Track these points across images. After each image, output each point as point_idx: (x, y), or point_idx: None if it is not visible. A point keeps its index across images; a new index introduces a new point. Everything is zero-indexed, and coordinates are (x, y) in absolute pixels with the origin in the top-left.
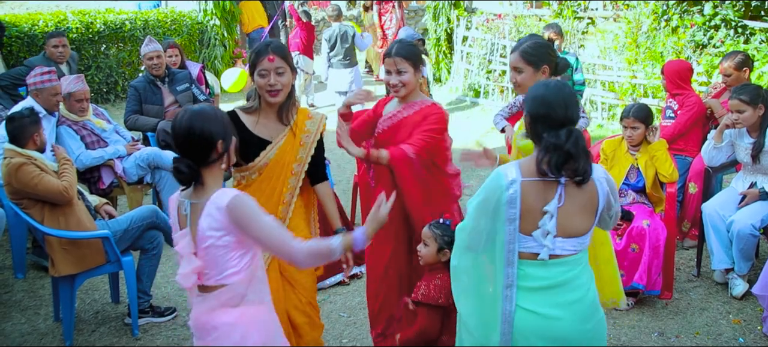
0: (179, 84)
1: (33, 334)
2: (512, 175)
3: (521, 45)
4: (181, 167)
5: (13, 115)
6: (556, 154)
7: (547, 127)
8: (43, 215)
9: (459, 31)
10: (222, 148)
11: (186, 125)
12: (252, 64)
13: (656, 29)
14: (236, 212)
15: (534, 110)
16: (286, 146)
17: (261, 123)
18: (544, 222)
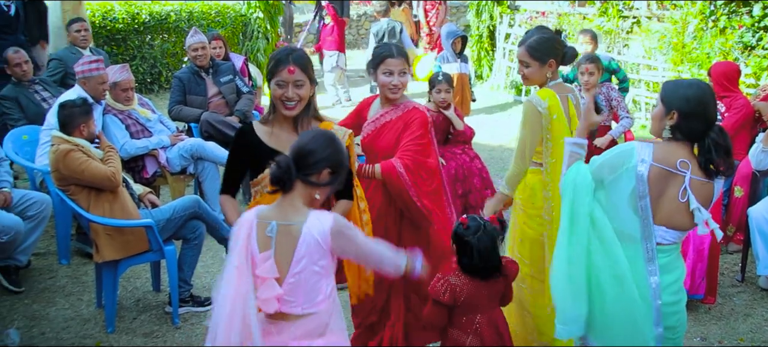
0: (223, 76)
1: (76, 320)
2: (646, 156)
3: (527, 39)
4: (281, 163)
5: (65, 102)
6: (719, 150)
7: (703, 126)
8: (89, 201)
9: (501, 28)
10: (326, 179)
11: (306, 138)
12: (270, 71)
13: (703, 30)
14: (340, 236)
15: (689, 109)
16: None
17: (275, 134)
18: (703, 214)
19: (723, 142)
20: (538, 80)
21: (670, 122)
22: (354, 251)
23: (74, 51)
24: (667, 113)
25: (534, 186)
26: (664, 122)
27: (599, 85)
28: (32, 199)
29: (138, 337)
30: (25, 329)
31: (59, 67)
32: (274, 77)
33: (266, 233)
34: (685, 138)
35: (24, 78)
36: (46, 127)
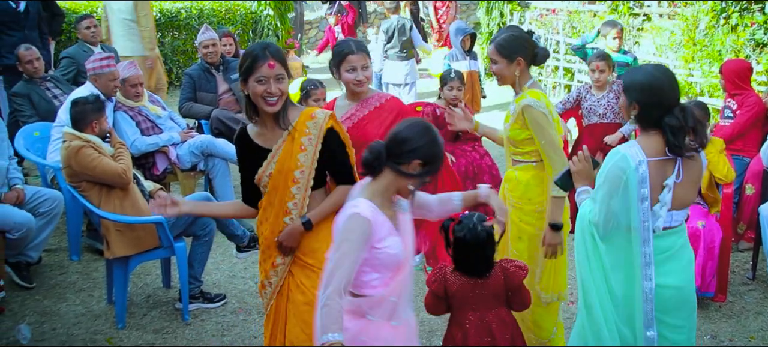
0: (233, 73)
1: (87, 316)
2: (639, 156)
3: (497, 38)
4: (373, 148)
5: (78, 99)
6: (681, 133)
7: (662, 111)
8: (100, 198)
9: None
10: (417, 169)
11: (402, 126)
12: (247, 68)
13: (714, 27)
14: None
15: (646, 99)
16: (284, 153)
17: (261, 132)
18: (663, 196)
19: (682, 122)
20: (508, 78)
21: (634, 112)
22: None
23: (85, 49)
24: (629, 104)
25: (528, 182)
26: (630, 113)
27: (609, 83)
28: (44, 196)
29: (148, 333)
30: (37, 325)
31: (71, 65)
32: (252, 74)
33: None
34: (650, 126)
35: (35, 75)
36: (57, 124)
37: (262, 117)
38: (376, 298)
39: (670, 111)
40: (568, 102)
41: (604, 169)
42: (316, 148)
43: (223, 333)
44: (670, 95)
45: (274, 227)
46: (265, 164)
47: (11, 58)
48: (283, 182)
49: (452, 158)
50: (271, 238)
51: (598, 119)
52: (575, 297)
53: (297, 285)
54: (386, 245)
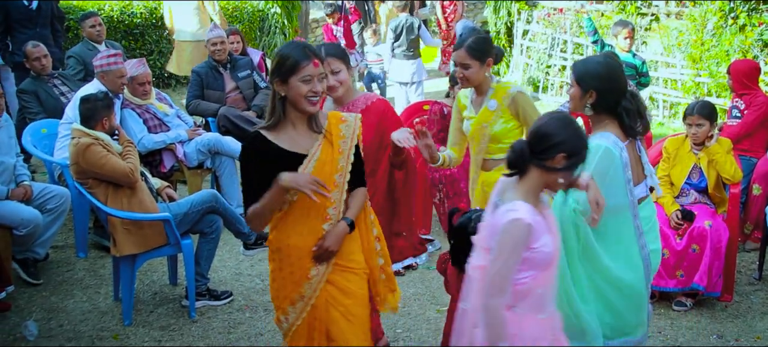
0: (241, 70)
1: (93, 312)
2: (619, 143)
3: (465, 41)
4: (515, 147)
5: (88, 96)
6: (634, 117)
7: (617, 96)
8: (107, 195)
9: (519, 24)
10: (561, 163)
11: (542, 121)
12: (289, 68)
13: (722, 27)
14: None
15: (603, 86)
16: (324, 156)
17: (289, 136)
18: (648, 170)
19: (634, 106)
20: (478, 80)
21: (589, 100)
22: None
23: (90, 47)
24: (584, 93)
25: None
26: (584, 101)
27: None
28: (51, 192)
29: (155, 330)
30: (43, 321)
31: (79, 65)
32: (296, 74)
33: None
34: (605, 112)
35: (43, 72)
36: (64, 120)
37: (291, 120)
38: (523, 290)
39: (623, 96)
40: None
41: (589, 164)
42: (351, 150)
43: (230, 330)
44: (622, 81)
45: (309, 236)
46: (301, 169)
47: (22, 55)
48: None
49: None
50: (304, 249)
51: None
52: None
53: (340, 290)
54: (541, 244)
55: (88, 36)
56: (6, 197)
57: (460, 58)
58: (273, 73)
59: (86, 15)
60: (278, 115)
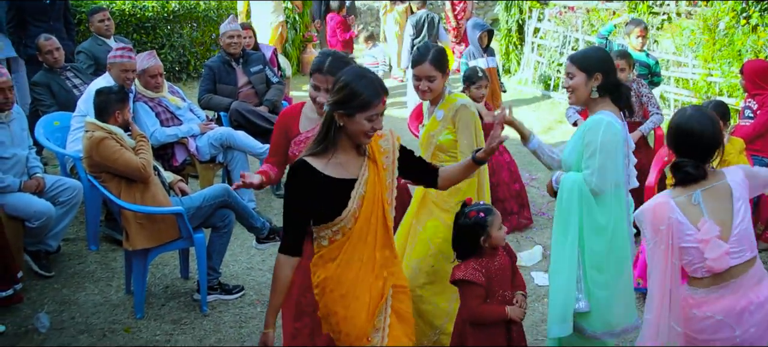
0: (253, 65)
1: (105, 305)
2: (619, 119)
3: (427, 55)
4: (689, 170)
5: (102, 89)
6: (628, 97)
7: (616, 77)
8: (120, 189)
9: (531, 22)
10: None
11: (691, 122)
12: (361, 105)
13: (735, 27)
14: (752, 177)
15: (607, 67)
16: (372, 177)
17: (336, 163)
18: (630, 157)
19: (627, 89)
20: (440, 91)
21: (596, 83)
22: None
23: (100, 42)
24: (590, 77)
25: (467, 188)
26: (589, 86)
27: (629, 82)
28: (64, 185)
29: (166, 324)
30: (55, 313)
31: (89, 59)
32: (365, 111)
33: (692, 204)
34: (607, 93)
35: (55, 65)
36: (77, 113)
37: (340, 145)
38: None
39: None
40: None
41: (594, 139)
42: (395, 165)
43: (241, 324)
44: (615, 66)
45: (369, 263)
46: (354, 194)
47: (35, 48)
48: (376, 209)
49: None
50: (367, 279)
51: None
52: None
53: (397, 314)
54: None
55: (97, 30)
56: (19, 189)
57: (424, 72)
58: (338, 104)
59: (94, 10)
60: (330, 143)
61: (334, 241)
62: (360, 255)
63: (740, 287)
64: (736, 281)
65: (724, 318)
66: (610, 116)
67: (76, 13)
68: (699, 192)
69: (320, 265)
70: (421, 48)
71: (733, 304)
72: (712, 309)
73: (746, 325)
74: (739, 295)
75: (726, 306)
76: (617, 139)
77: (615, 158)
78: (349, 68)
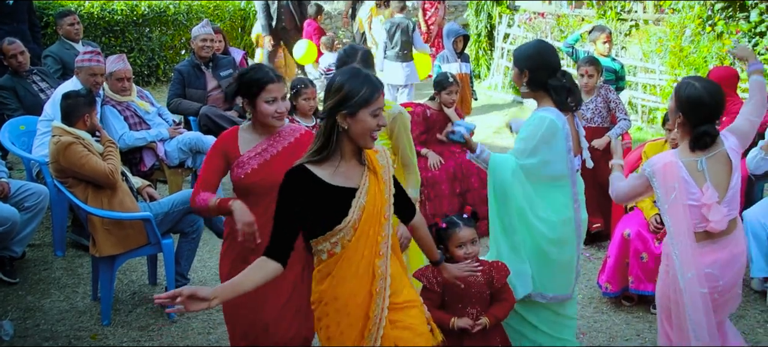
0: (223, 70)
1: (71, 312)
2: (562, 116)
3: (356, 57)
4: (710, 133)
5: (69, 92)
6: (563, 92)
7: (548, 74)
8: (86, 194)
9: (501, 28)
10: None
11: (698, 97)
12: (363, 99)
13: (701, 34)
14: (740, 137)
15: (534, 64)
16: (373, 187)
17: (338, 170)
18: (584, 144)
19: (564, 83)
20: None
21: (525, 79)
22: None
23: (67, 46)
24: (520, 73)
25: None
26: (521, 80)
27: (597, 88)
28: (30, 190)
29: (133, 331)
30: (20, 320)
31: (56, 63)
32: (369, 106)
33: (698, 170)
34: (539, 89)
35: (20, 69)
36: (43, 117)
37: (342, 153)
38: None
39: (554, 75)
40: None
41: (536, 132)
42: (390, 181)
43: (210, 331)
44: (553, 60)
45: (365, 276)
46: (355, 203)
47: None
48: (375, 221)
49: (441, 160)
50: (361, 292)
51: (585, 123)
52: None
53: (406, 327)
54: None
55: (66, 34)
56: None
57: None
58: (339, 105)
59: (64, 13)
60: (332, 149)
61: (334, 254)
62: (356, 270)
63: (727, 242)
64: (725, 238)
65: (712, 270)
66: (552, 114)
67: (43, 15)
68: (704, 159)
69: (318, 280)
70: (349, 50)
71: (719, 257)
72: (704, 262)
73: (727, 275)
74: (724, 249)
75: (714, 259)
76: (557, 136)
77: (554, 154)
78: (340, 71)
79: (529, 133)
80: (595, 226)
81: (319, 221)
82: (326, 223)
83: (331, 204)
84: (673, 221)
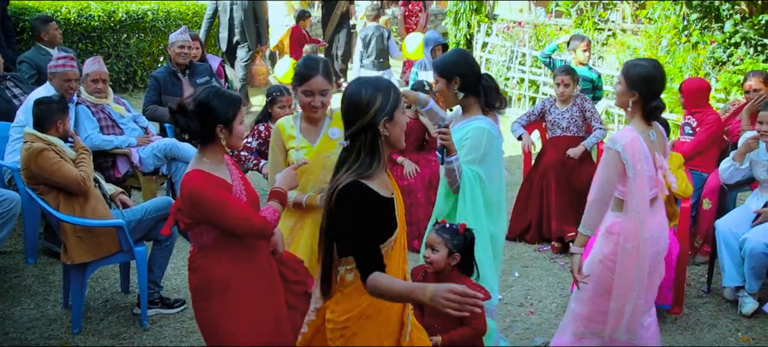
0: (200, 77)
1: (41, 320)
2: (495, 125)
3: (318, 67)
4: (661, 106)
5: (42, 99)
6: (492, 94)
7: (477, 77)
8: (58, 201)
9: (479, 36)
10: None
11: (649, 73)
12: (396, 101)
13: (676, 45)
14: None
15: (464, 69)
16: (398, 195)
17: (383, 182)
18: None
19: (491, 83)
20: (329, 104)
21: (456, 86)
22: None
23: (43, 52)
24: (450, 81)
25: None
26: (452, 89)
27: (573, 97)
28: (1, 196)
29: (105, 339)
30: None
31: (31, 69)
32: (398, 106)
33: (651, 140)
34: (471, 93)
35: None
36: (16, 123)
37: (383, 161)
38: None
39: (480, 78)
40: (533, 114)
41: (480, 141)
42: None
43: (182, 339)
44: (476, 64)
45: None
46: (398, 213)
47: None
48: (403, 227)
49: (417, 168)
50: (400, 304)
51: (561, 132)
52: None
53: (417, 327)
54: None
55: (51, 39)
56: None
57: (318, 85)
58: (379, 116)
59: (46, 19)
60: (377, 163)
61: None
62: (395, 274)
63: (659, 207)
64: (657, 203)
65: (656, 232)
66: (488, 124)
67: (19, 20)
68: (653, 131)
69: (354, 297)
70: (308, 61)
71: (659, 220)
72: (652, 228)
73: (662, 239)
74: (659, 213)
75: (657, 222)
76: (496, 145)
77: (494, 161)
78: (353, 87)
79: (475, 143)
80: (570, 234)
81: (375, 235)
82: (380, 235)
83: (385, 216)
84: (638, 190)
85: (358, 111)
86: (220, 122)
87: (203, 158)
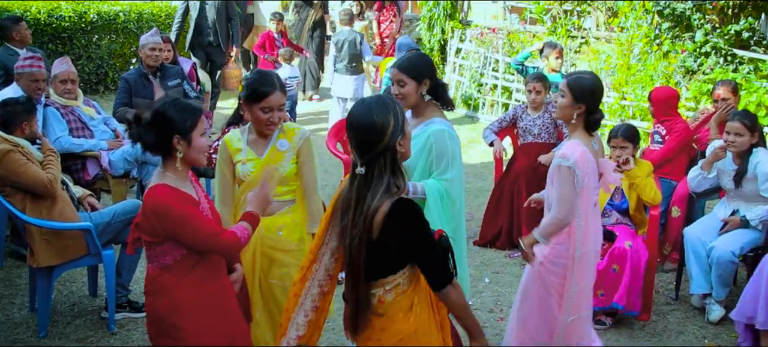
0: (171, 79)
1: (6, 324)
2: (452, 126)
3: (276, 82)
4: (601, 114)
5: (8, 100)
6: (447, 89)
7: (436, 79)
8: (25, 203)
9: (453, 42)
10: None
11: (592, 85)
12: (403, 116)
13: (648, 53)
14: None
15: (431, 71)
16: None
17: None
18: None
19: (444, 84)
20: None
21: (425, 88)
22: None
23: (11, 52)
24: (420, 83)
25: (301, 223)
26: (419, 91)
27: (545, 104)
28: None
29: (71, 343)
30: None
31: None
32: (405, 119)
33: (594, 149)
34: (433, 94)
35: None
36: None
37: (406, 176)
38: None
39: (439, 80)
40: (505, 121)
41: (445, 148)
42: None
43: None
44: (434, 67)
45: (429, 299)
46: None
47: None
48: None
49: None
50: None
51: (533, 139)
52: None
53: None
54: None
55: (22, 39)
56: None
57: (278, 101)
58: (395, 136)
59: (17, 19)
60: (403, 174)
61: (412, 280)
62: (426, 292)
63: (597, 212)
64: (596, 208)
65: (595, 236)
66: (447, 126)
67: None
68: (595, 140)
69: (398, 318)
70: (264, 78)
71: (597, 224)
72: (593, 234)
73: (600, 239)
74: (598, 217)
75: (595, 227)
76: (455, 144)
77: (454, 161)
78: (359, 110)
79: (440, 149)
80: None
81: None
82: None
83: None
84: (585, 200)
85: (374, 136)
86: (177, 133)
87: (166, 172)
